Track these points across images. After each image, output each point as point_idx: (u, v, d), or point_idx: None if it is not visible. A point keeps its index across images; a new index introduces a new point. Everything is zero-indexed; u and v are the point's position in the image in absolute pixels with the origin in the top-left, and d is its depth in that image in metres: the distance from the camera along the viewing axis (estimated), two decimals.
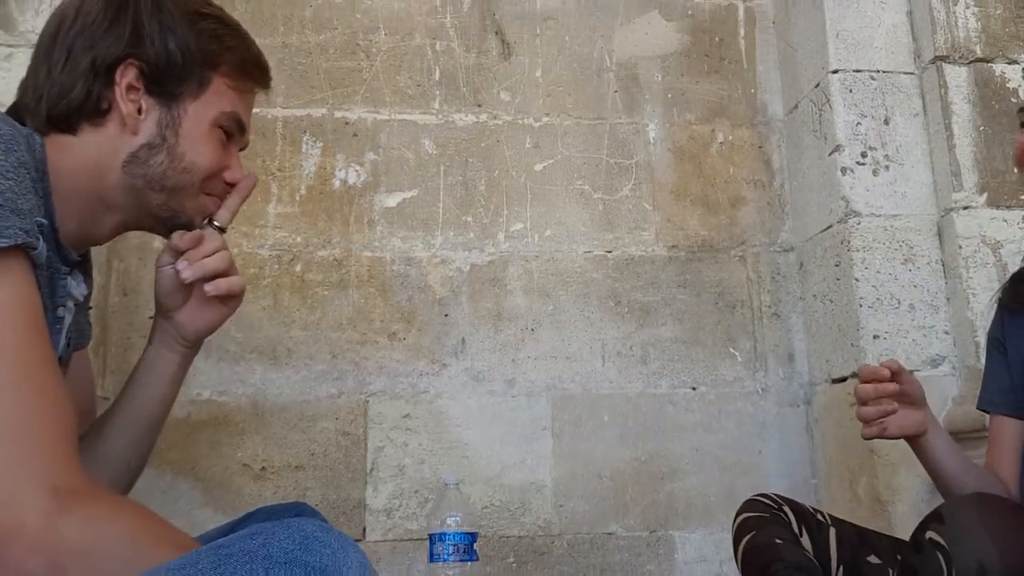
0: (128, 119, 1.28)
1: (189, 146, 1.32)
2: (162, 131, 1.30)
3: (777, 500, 1.86)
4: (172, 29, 1.30)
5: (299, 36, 2.96)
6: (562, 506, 2.76)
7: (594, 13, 3.15)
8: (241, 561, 0.93)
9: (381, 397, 2.76)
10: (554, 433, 2.82)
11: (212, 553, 0.95)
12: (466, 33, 3.07)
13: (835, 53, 2.88)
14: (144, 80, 1.29)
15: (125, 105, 1.27)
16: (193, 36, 1.32)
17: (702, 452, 2.86)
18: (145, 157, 1.29)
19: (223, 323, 1.52)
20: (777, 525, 1.80)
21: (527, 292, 2.89)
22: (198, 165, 1.34)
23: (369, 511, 2.68)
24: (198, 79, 1.33)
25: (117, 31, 1.28)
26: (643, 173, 3.03)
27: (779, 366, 2.97)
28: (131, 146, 1.29)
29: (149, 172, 1.30)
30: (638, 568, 2.75)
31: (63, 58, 1.27)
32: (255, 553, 0.93)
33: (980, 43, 2.81)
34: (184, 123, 1.32)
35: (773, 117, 3.17)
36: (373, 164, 2.91)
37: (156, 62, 1.28)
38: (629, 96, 3.11)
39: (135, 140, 1.29)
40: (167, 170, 1.31)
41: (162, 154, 1.30)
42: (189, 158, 1.32)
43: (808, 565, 1.67)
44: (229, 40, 1.38)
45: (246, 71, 1.41)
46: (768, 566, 1.69)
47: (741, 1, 3.26)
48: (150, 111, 1.30)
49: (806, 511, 1.87)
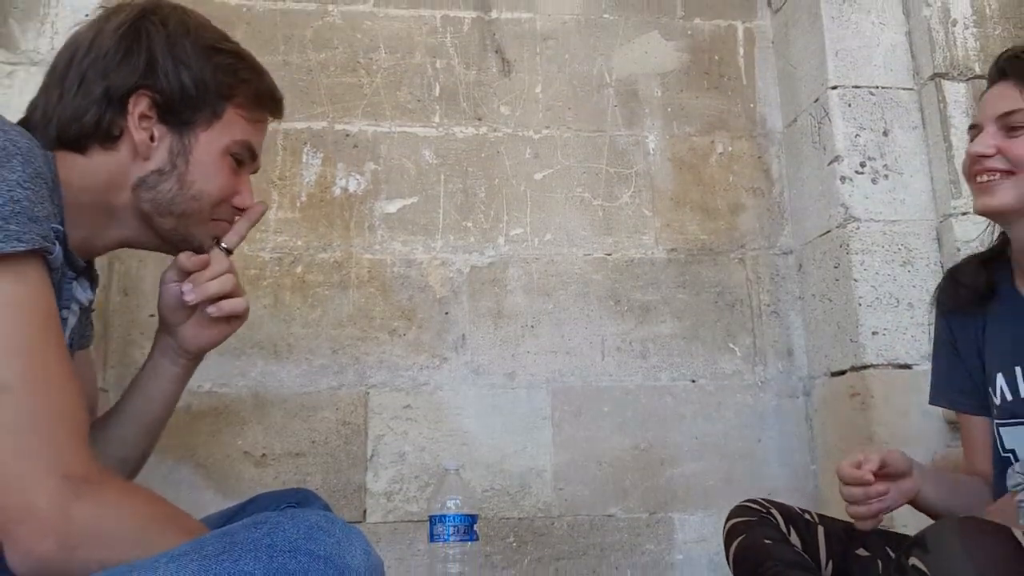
0: (140, 146, 1.34)
1: (199, 173, 1.38)
2: (173, 158, 1.36)
3: (765, 504, 1.93)
4: (186, 63, 1.37)
5: (300, 55, 3.09)
6: (562, 490, 2.85)
7: (594, 33, 3.29)
8: (246, 549, 1.00)
9: (381, 389, 2.85)
10: (554, 423, 2.90)
11: (218, 540, 1.02)
12: (466, 52, 3.20)
13: (834, 70, 2.98)
14: (157, 110, 1.35)
15: (137, 133, 1.34)
16: (208, 70, 1.38)
17: (702, 440, 2.95)
18: (154, 183, 1.36)
19: (225, 339, 1.60)
20: (765, 526, 1.86)
21: (527, 292, 2.99)
22: (207, 192, 1.40)
23: (369, 494, 2.77)
24: (212, 109, 1.39)
25: (131, 62, 1.34)
26: (643, 182, 3.15)
27: (778, 360, 3.06)
28: (142, 171, 1.35)
29: (158, 197, 1.36)
30: (637, 547, 2.82)
31: (76, 84, 1.34)
32: (260, 542, 1.00)
33: (979, 61, 2.90)
34: (195, 151, 1.38)
35: (772, 130, 3.29)
36: (374, 173, 3.03)
37: (169, 93, 1.35)
38: (629, 110, 3.23)
39: (146, 165, 1.35)
40: (176, 196, 1.37)
41: (171, 180, 1.37)
42: (198, 186, 1.38)
43: (798, 560, 1.77)
44: (244, 73, 1.44)
45: (260, 102, 1.47)
46: (759, 566, 1.76)
47: (740, 22, 3.40)
48: (162, 139, 1.36)
49: (793, 511, 1.94)
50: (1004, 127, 1.62)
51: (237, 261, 2.66)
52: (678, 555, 2.83)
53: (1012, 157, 1.61)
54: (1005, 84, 1.65)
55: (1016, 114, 1.60)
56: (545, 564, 2.78)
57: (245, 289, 1.56)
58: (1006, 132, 1.62)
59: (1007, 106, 1.61)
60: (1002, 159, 1.62)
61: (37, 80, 2.34)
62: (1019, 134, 1.60)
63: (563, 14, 3.27)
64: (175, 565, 0.98)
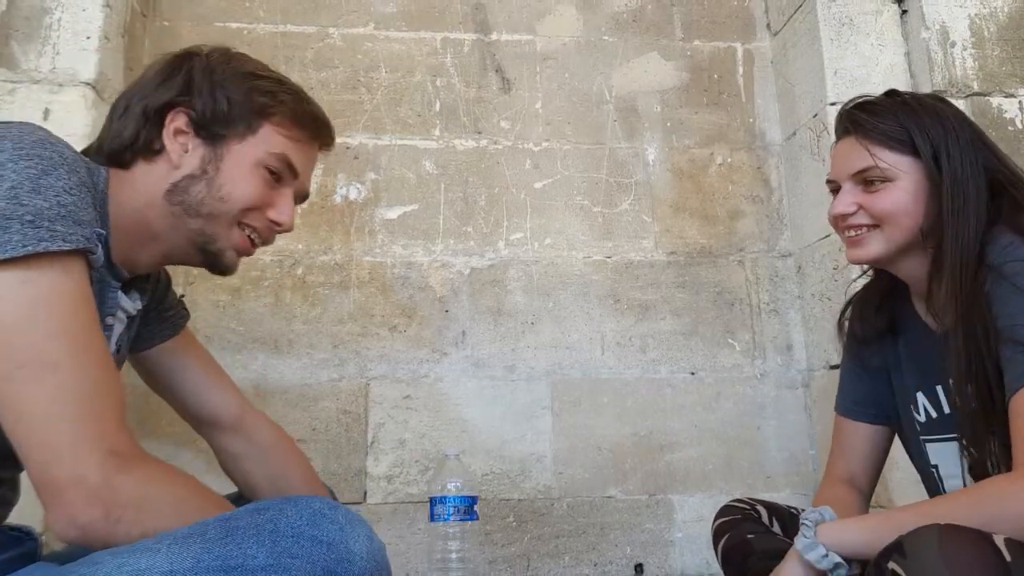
0: (174, 156, 1.45)
1: (228, 179, 1.47)
2: (204, 165, 1.46)
3: (750, 502, 2.07)
4: (223, 84, 1.49)
5: (300, 74, 3.27)
6: (562, 473, 3.00)
7: (593, 54, 3.50)
8: (249, 533, 1.07)
9: (382, 381, 3.02)
10: (554, 412, 3.06)
11: (221, 524, 1.10)
12: (466, 71, 3.40)
13: (833, 88, 3.15)
14: (193, 126, 1.46)
15: (171, 144, 1.45)
16: (244, 91, 1.49)
17: (701, 428, 3.12)
18: (186, 186, 1.45)
19: None
20: (749, 522, 1.98)
21: (527, 292, 3.18)
22: (234, 196, 1.47)
23: (370, 478, 2.92)
24: (247, 124, 1.49)
25: (169, 84, 1.48)
26: (642, 190, 3.35)
27: (777, 355, 3.24)
28: (175, 177, 1.46)
29: (188, 199, 1.45)
30: (637, 527, 2.98)
31: (122, 109, 1.49)
32: (263, 527, 1.08)
33: (977, 80, 3.08)
34: (226, 159, 1.47)
35: (771, 142, 3.50)
36: (374, 182, 3.22)
37: (203, 110, 1.46)
38: (628, 124, 3.44)
39: (178, 172, 1.46)
40: (205, 198, 1.46)
41: (201, 183, 1.46)
42: (227, 189, 1.46)
43: (780, 547, 1.81)
44: (283, 95, 1.54)
45: (299, 122, 1.56)
46: (744, 561, 1.87)
47: (740, 44, 3.61)
48: (195, 149, 1.46)
49: (779, 507, 2.06)
50: (861, 182, 1.73)
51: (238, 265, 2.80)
52: (677, 533, 2.99)
53: (874, 213, 1.71)
54: (851, 140, 1.76)
55: (870, 171, 1.69)
56: (545, 541, 2.93)
57: (246, 289, 1.63)
58: (864, 187, 1.73)
59: (860, 163, 1.72)
60: (865, 215, 1.74)
61: (38, 97, 2.60)
62: (876, 188, 1.71)
63: (563, 36, 3.48)
64: (178, 547, 1.06)
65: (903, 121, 1.69)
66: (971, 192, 1.63)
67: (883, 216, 1.68)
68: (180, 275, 2.91)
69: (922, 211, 1.65)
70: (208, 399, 1.83)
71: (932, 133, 1.67)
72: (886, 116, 1.71)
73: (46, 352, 1.13)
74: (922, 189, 1.65)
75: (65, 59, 2.68)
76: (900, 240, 1.69)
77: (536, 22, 3.45)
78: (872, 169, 1.67)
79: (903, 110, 1.71)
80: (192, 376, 1.82)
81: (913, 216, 1.66)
